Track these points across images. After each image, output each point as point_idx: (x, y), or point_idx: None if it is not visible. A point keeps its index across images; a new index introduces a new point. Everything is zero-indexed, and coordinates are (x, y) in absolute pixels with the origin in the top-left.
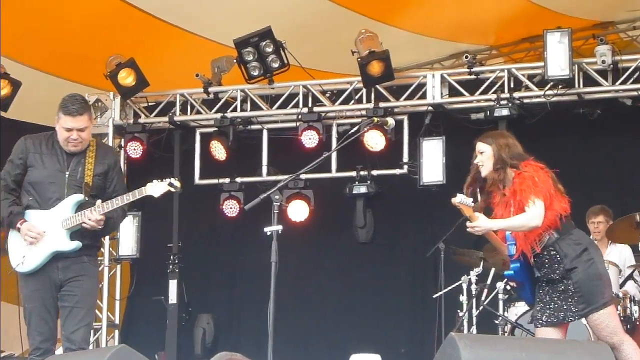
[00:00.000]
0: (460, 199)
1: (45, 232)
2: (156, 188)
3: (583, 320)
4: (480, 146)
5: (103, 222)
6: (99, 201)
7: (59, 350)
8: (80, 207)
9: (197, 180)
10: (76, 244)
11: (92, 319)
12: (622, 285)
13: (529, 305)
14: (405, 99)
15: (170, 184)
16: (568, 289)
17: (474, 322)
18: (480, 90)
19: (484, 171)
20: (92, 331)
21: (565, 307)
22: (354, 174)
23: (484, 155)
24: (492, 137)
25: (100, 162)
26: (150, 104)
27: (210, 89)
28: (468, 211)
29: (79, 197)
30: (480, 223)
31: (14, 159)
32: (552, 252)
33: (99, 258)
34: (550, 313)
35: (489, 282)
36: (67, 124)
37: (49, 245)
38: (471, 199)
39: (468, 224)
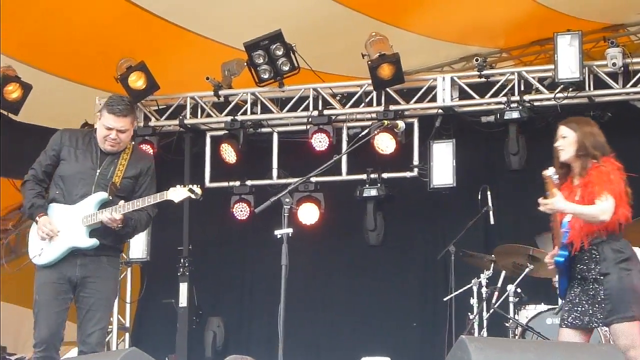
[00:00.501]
0: (551, 173)
1: (59, 232)
2: (177, 193)
3: None
4: (563, 130)
5: (122, 222)
6: (122, 201)
7: (73, 352)
8: (104, 206)
9: (207, 184)
10: (93, 242)
11: (107, 322)
12: None
13: (560, 297)
14: (415, 102)
15: (191, 190)
16: (598, 294)
17: (485, 325)
18: (491, 93)
19: (564, 156)
20: None
21: (591, 311)
22: (364, 176)
23: (566, 140)
24: (577, 123)
25: (133, 165)
26: (160, 107)
27: (221, 92)
28: (551, 187)
29: (103, 195)
30: (555, 201)
31: (48, 150)
32: (593, 252)
33: None
34: (577, 315)
35: (499, 284)
36: (109, 122)
37: (67, 241)
38: (557, 177)
39: (542, 200)
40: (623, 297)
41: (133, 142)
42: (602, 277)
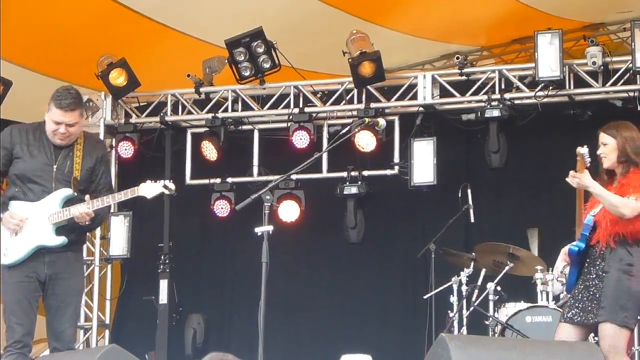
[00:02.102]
0: (584, 152)
1: (27, 219)
2: (149, 189)
3: None
4: (603, 137)
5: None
6: (87, 197)
7: (45, 351)
8: (68, 202)
9: (188, 181)
10: (62, 240)
11: (78, 317)
12: None
13: (567, 290)
14: (396, 100)
15: (165, 186)
16: (597, 292)
17: (465, 323)
18: (471, 91)
19: (607, 163)
20: (82, 331)
21: (589, 308)
22: (344, 174)
23: (607, 148)
24: (617, 129)
25: (88, 155)
26: (141, 104)
27: (202, 89)
28: (582, 165)
29: (68, 192)
30: (584, 177)
31: None
32: (602, 249)
33: (90, 258)
34: (576, 312)
35: (479, 283)
36: (57, 117)
37: (33, 239)
38: (590, 159)
39: (573, 172)
40: (618, 300)
41: (84, 131)
42: (603, 274)
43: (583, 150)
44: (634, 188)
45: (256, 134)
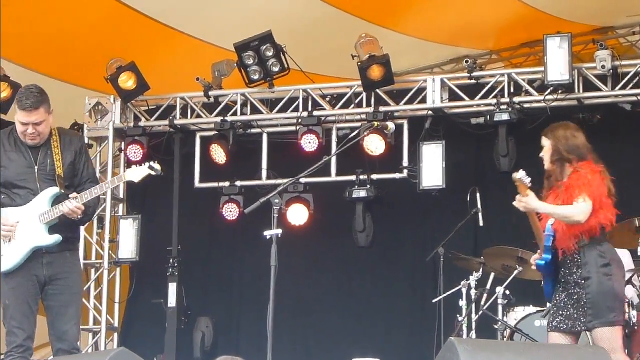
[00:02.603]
0: (521, 176)
1: (18, 222)
2: (135, 173)
3: None
4: (542, 140)
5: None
6: (74, 193)
7: (47, 350)
8: (56, 200)
9: (196, 184)
10: (56, 237)
11: (80, 316)
12: None
13: (546, 299)
14: (405, 103)
15: (150, 167)
16: (581, 299)
17: (473, 327)
18: (480, 94)
19: (545, 165)
20: (91, 334)
21: (575, 315)
22: (353, 177)
23: (544, 150)
24: (552, 130)
25: (67, 150)
26: (150, 107)
27: (211, 93)
28: (523, 189)
29: (55, 190)
30: (529, 200)
31: None
32: (575, 256)
33: (99, 261)
34: (561, 319)
35: (488, 286)
36: (22, 118)
37: (28, 241)
38: (530, 179)
39: (518, 197)
40: (604, 302)
41: (58, 127)
42: (583, 281)
43: (518, 174)
44: (579, 188)
45: (265, 137)
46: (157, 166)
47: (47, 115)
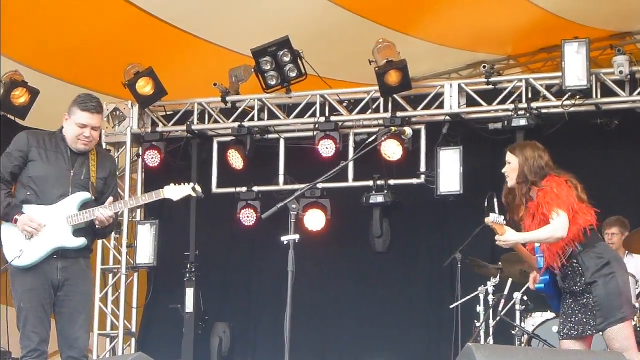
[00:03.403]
0: (493, 218)
1: (45, 225)
2: (175, 191)
3: None
4: (507, 156)
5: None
6: (110, 199)
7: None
8: (84, 205)
9: (214, 189)
10: (82, 241)
11: (89, 324)
12: (638, 295)
13: (556, 314)
14: (422, 109)
15: (193, 189)
16: (589, 303)
17: (491, 333)
18: (498, 100)
19: (509, 182)
20: (108, 339)
21: (584, 320)
22: (370, 183)
23: (510, 167)
24: (520, 149)
25: (102, 166)
26: (168, 112)
27: (228, 98)
28: (499, 228)
29: (86, 195)
30: (507, 236)
31: (13, 152)
32: (574, 264)
33: (116, 266)
34: (571, 326)
35: (505, 292)
36: (84, 119)
37: (52, 240)
38: (502, 217)
39: (497, 237)
40: (611, 302)
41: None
42: (589, 287)
43: (490, 218)
44: (549, 204)
45: (282, 143)
46: (199, 188)
47: (100, 124)
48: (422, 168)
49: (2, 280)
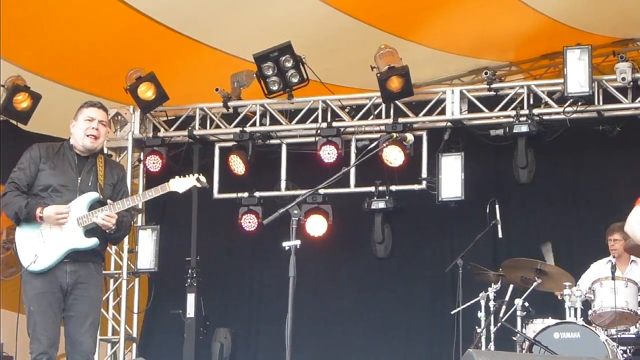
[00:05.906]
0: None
1: (70, 208)
2: (180, 184)
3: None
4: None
5: (116, 223)
6: (109, 201)
7: None
8: (94, 205)
9: (215, 195)
10: (94, 241)
11: (97, 328)
12: None
13: None
14: (424, 115)
15: (198, 179)
16: None
17: (492, 339)
18: (500, 106)
19: None
20: (110, 344)
21: None
22: (372, 189)
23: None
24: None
25: (110, 173)
26: (169, 117)
27: (230, 104)
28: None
29: (95, 195)
30: None
31: (28, 164)
32: None
33: (117, 271)
34: None
35: (507, 298)
36: (91, 113)
37: (65, 243)
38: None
39: None
40: None
41: (103, 154)
42: None
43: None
44: None
45: (284, 148)
46: (203, 179)
47: (107, 124)
48: (424, 174)
49: (6, 287)
